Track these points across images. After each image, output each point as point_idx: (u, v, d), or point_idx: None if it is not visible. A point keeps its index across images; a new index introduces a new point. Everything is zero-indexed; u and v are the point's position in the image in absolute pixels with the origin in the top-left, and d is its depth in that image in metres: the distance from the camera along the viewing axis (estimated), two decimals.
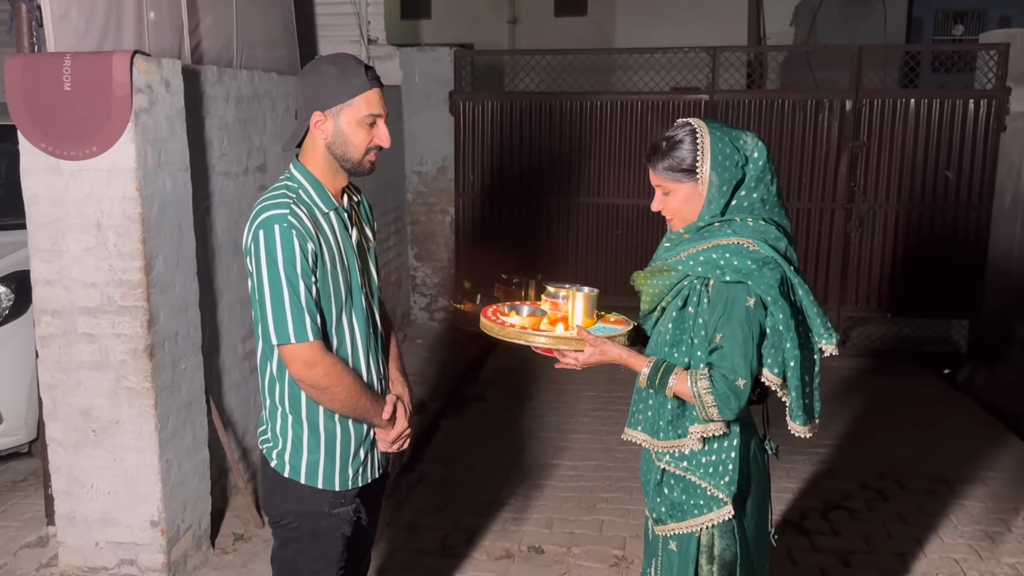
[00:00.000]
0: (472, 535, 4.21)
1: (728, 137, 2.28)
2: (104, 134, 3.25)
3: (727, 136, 2.28)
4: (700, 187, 2.29)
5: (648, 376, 2.31)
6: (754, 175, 2.28)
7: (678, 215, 2.37)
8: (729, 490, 2.31)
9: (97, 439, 3.51)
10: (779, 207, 2.34)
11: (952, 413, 5.90)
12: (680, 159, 2.29)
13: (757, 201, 2.29)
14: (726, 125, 2.33)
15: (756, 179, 2.28)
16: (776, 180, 2.33)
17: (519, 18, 12.69)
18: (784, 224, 2.34)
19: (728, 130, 2.30)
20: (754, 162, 2.28)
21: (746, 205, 2.29)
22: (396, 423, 2.43)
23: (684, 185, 2.31)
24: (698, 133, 2.28)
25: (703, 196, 2.30)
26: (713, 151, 2.26)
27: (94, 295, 3.40)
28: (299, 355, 2.20)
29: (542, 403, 6.02)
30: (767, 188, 2.30)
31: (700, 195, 2.30)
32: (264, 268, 2.19)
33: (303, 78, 2.29)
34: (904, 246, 6.93)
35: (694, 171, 2.28)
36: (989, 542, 4.08)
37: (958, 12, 11.34)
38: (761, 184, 2.29)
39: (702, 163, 2.26)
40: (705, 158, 2.26)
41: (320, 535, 2.40)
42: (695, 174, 2.28)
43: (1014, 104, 6.49)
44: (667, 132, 2.36)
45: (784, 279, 2.23)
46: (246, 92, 4.54)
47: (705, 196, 2.29)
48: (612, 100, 7.19)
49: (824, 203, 6.94)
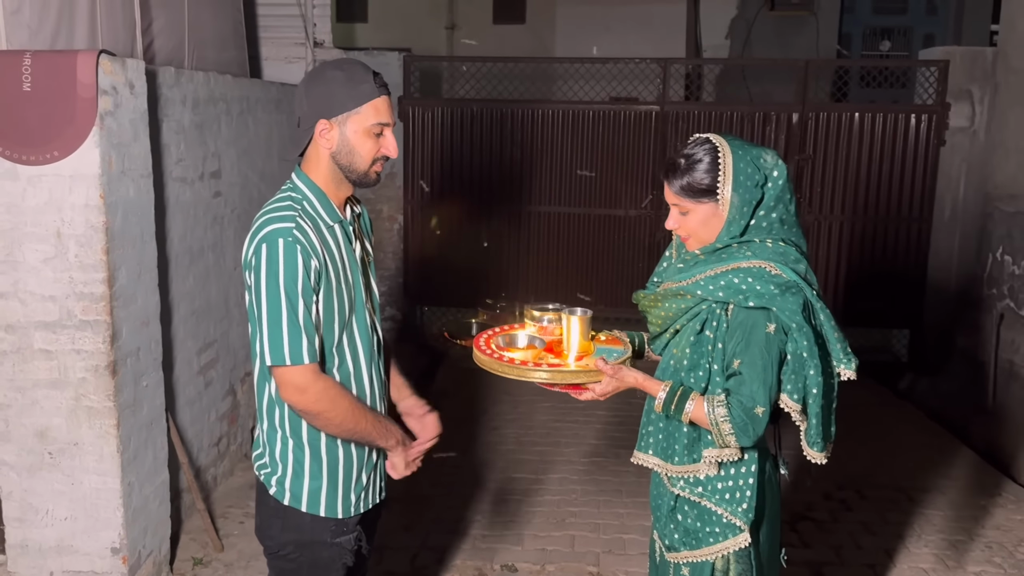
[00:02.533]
0: (442, 554, 4.10)
1: (749, 156, 2.20)
2: (66, 138, 3.06)
3: (748, 155, 2.20)
4: (720, 208, 2.20)
5: (664, 401, 2.23)
6: (774, 194, 2.21)
7: (695, 236, 2.28)
8: (747, 517, 2.25)
9: (54, 462, 3.29)
10: (796, 227, 2.27)
11: (899, 422, 6.02)
12: (700, 179, 2.20)
13: (776, 221, 2.22)
14: (746, 142, 2.25)
15: (776, 199, 2.21)
16: (794, 199, 2.27)
17: (457, 24, 12.60)
18: (801, 244, 2.28)
19: (749, 148, 2.22)
20: (774, 181, 2.21)
21: (764, 225, 2.22)
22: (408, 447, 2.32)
23: (704, 205, 2.22)
24: (720, 152, 2.19)
25: (723, 217, 2.21)
26: (735, 171, 2.18)
27: (52, 309, 3.20)
28: (291, 379, 2.07)
29: (498, 415, 5.94)
30: (786, 207, 2.23)
31: (720, 216, 2.21)
32: (264, 284, 2.05)
33: (307, 84, 2.17)
34: (847, 257, 7.07)
35: (714, 192, 2.19)
36: (953, 551, 4.15)
37: (885, 29, 11.69)
38: (780, 204, 2.22)
39: (724, 184, 2.18)
40: (727, 179, 2.18)
41: (321, 566, 2.27)
42: (715, 195, 2.20)
43: (953, 119, 6.68)
44: (685, 149, 2.26)
45: (806, 303, 2.16)
46: (202, 95, 4.36)
47: (726, 217, 2.21)
48: (564, 109, 7.16)
49: None
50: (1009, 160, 5.93)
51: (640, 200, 7.15)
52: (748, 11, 11.22)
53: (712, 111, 7.10)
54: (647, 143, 7.10)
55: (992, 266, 6.05)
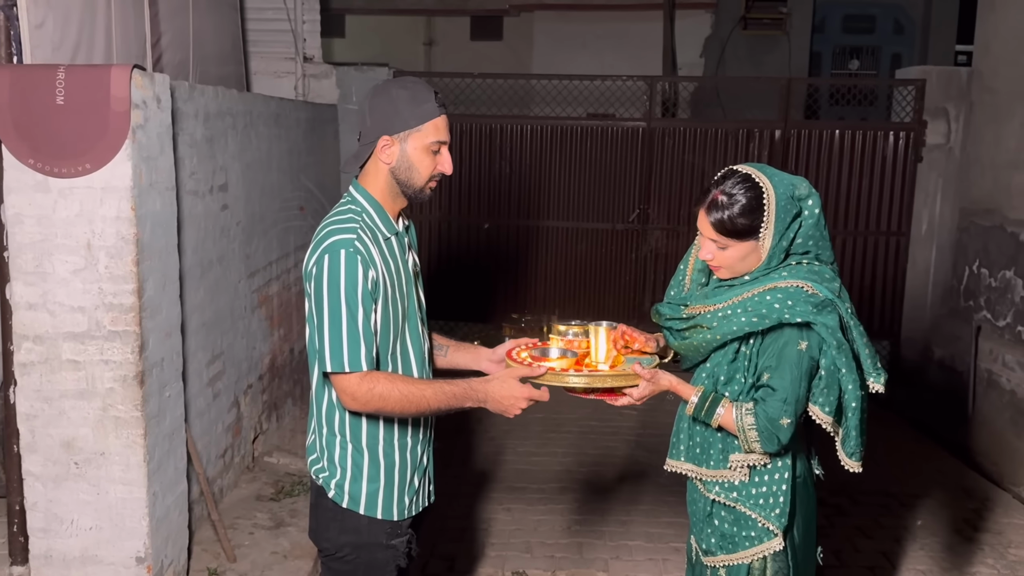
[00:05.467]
0: (452, 562, 4.16)
1: (788, 192, 2.24)
2: (99, 151, 3.10)
3: (787, 192, 2.23)
4: (761, 245, 2.25)
5: (696, 405, 2.33)
6: (811, 223, 2.26)
7: (731, 269, 2.32)
8: (780, 522, 2.33)
9: (80, 472, 3.31)
10: (829, 248, 2.33)
11: (883, 430, 6.17)
12: (742, 221, 2.22)
13: (812, 246, 2.29)
14: (779, 172, 2.28)
15: (813, 227, 2.27)
16: (826, 224, 2.32)
17: (435, 40, 12.70)
18: (830, 259, 2.33)
19: (786, 184, 2.25)
20: (810, 210, 2.26)
21: (800, 251, 2.29)
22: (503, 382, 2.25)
23: (744, 244, 2.25)
24: (764, 194, 2.22)
25: (762, 254, 2.26)
26: (777, 211, 2.21)
27: (81, 320, 3.22)
28: (346, 385, 2.14)
29: (494, 426, 6.01)
30: (820, 233, 2.29)
31: (758, 252, 2.26)
32: (325, 293, 2.13)
33: (372, 101, 2.24)
34: None
35: (756, 232, 2.23)
36: (949, 553, 4.30)
37: (854, 48, 11.98)
38: (815, 230, 2.28)
39: (767, 227, 2.22)
40: (771, 222, 2.22)
41: (376, 567, 2.34)
42: (757, 235, 2.23)
43: (930, 136, 6.91)
44: (726, 186, 2.26)
45: (841, 320, 2.23)
46: (212, 109, 4.40)
47: (765, 255, 2.26)
48: (552, 125, 7.29)
49: None
50: (985, 176, 6.16)
51: (627, 215, 7.29)
52: (722, 30, 11.45)
53: (697, 128, 7.27)
54: (634, 159, 7.25)
55: (969, 279, 6.26)
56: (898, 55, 11.81)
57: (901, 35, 11.89)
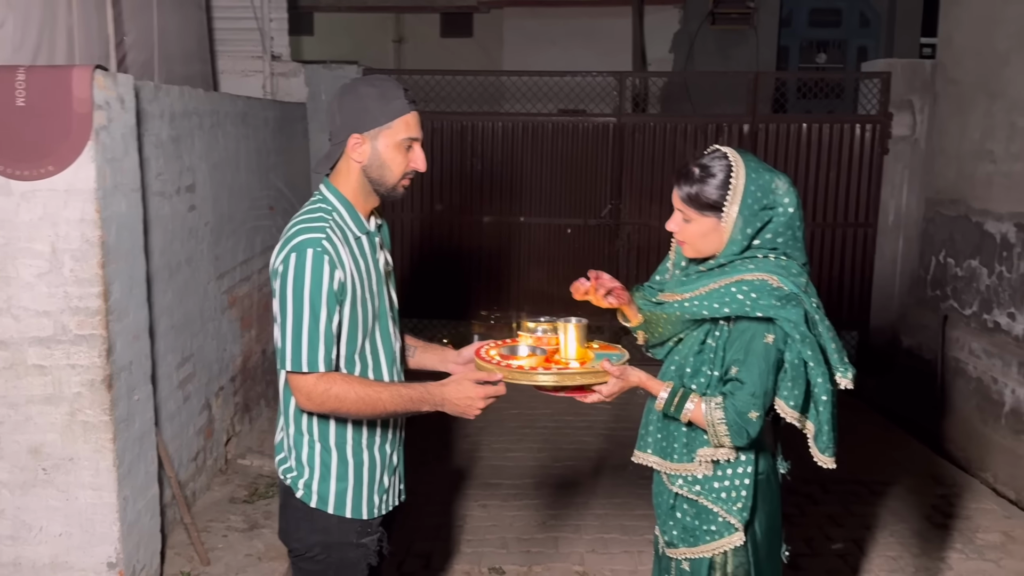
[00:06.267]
0: (428, 559, 4.16)
1: (763, 180, 2.23)
2: (61, 153, 3.07)
3: (761, 179, 2.23)
4: (723, 225, 2.25)
5: (666, 400, 2.33)
6: (783, 222, 2.26)
7: (692, 245, 2.34)
8: (741, 516, 2.34)
9: (48, 478, 3.28)
10: (801, 248, 2.32)
11: (852, 418, 6.23)
12: (708, 193, 2.24)
13: (781, 243, 2.28)
14: (762, 164, 2.27)
15: (785, 225, 2.26)
16: (803, 225, 2.30)
17: (405, 38, 12.67)
18: (801, 260, 2.32)
19: (763, 172, 2.25)
20: (785, 207, 2.25)
21: (768, 246, 2.28)
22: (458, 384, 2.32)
23: (707, 219, 2.26)
24: (733, 170, 2.23)
25: (723, 234, 2.26)
26: (744, 193, 2.21)
27: (47, 324, 3.19)
28: (301, 384, 2.14)
29: (469, 424, 5.99)
30: (794, 234, 2.28)
31: (720, 232, 2.26)
32: (290, 292, 2.12)
33: (340, 99, 2.23)
34: None
35: (720, 208, 2.24)
36: (919, 539, 4.36)
37: (821, 42, 12.09)
38: (789, 230, 2.27)
39: (731, 204, 2.22)
40: (735, 199, 2.22)
41: (347, 566, 2.33)
42: (720, 211, 2.24)
43: (895, 128, 6.99)
44: (702, 159, 2.29)
45: (807, 315, 2.23)
46: (178, 109, 4.37)
47: (727, 236, 2.26)
48: (524, 121, 7.29)
49: None
50: (949, 167, 6.24)
51: (599, 210, 7.31)
52: (690, 25, 11.51)
53: (667, 123, 7.30)
54: (605, 154, 7.27)
55: (935, 268, 6.34)
56: (864, 48, 11.93)
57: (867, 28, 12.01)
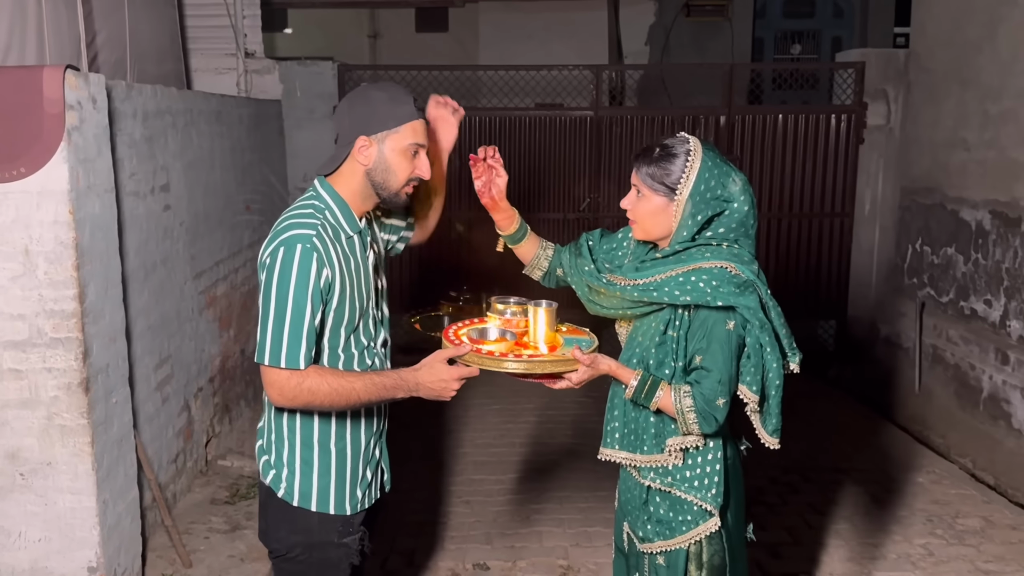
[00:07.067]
0: (412, 556, 4.15)
1: (718, 171, 2.25)
2: (33, 154, 3.03)
3: (717, 169, 2.25)
4: (673, 208, 2.27)
5: (636, 388, 2.30)
6: (737, 219, 2.27)
7: (641, 224, 2.35)
8: (716, 501, 2.35)
9: (26, 483, 3.24)
10: (752, 243, 2.34)
11: (832, 407, 6.32)
12: (665, 172, 2.26)
13: (732, 238, 2.30)
14: (723, 159, 2.30)
15: (739, 223, 2.28)
16: (756, 224, 2.33)
17: (380, 33, 12.60)
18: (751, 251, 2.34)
19: (721, 164, 2.27)
20: (740, 204, 2.27)
21: (720, 239, 2.29)
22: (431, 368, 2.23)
23: (658, 197, 2.28)
24: (691, 155, 2.25)
25: (672, 218, 2.28)
26: (697, 180, 2.23)
27: (22, 327, 3.15)
28: (275, 379, 2.12)
29: (451, 419, 6.00)
30: (747, 232, 2.30)
31: (669, 215, 2.28)
32: (275, 286, 2.10)
33: (350, 102, 2.24)
34: (775, 252, 7.36)
35: (673, 190, 2.26)
36: (899, 525, 4.40)
37: (795, 32, 12.16)
38: (742, 228, 2.29)
39: (683, 187, 2.24)
40: (687, 183, 2.24)
41: (329, 566, 2.33)
42: (673, 193, 2.26)
43: (870, 118, 7.03)
44: (667, 140, 2.32)
45: (762, 301, 2.27)
46: (151, 108, 4.33)
47: (676, 221, 2.28)
48: (500, 116, 7.28)
49: None
50: (924, 155, 6.28)
51: (578, 204, 7.32)
52: (666, 18, 11.53)
53: (644, 115, 7.32)
54: (582, 147, 7.27)
55: (912, 257, 6.39)
56: (838, 38, 12.02)
57: (840, 19, 12.10)
